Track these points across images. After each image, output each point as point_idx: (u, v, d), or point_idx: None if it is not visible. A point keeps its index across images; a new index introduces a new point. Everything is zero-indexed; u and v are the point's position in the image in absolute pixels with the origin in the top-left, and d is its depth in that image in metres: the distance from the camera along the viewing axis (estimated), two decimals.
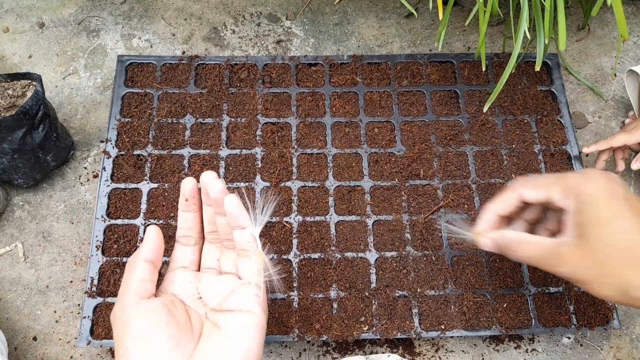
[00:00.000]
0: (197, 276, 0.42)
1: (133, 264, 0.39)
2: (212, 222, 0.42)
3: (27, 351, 0.55)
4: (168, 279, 0.42)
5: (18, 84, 0.56)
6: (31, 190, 0.62)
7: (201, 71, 0.65)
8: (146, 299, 0.37)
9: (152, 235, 0.40)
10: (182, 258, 0.42)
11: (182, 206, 0.42)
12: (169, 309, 0.37)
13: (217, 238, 0.43)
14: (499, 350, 0.56)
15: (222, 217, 0.41)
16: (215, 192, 0.39)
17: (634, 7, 0.76)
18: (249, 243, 0.40)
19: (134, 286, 0.37)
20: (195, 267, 0.43)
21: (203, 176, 0.40)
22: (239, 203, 0.38)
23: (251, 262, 0.40)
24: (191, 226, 0.43)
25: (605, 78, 0.71)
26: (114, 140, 0.60)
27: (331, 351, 0.56)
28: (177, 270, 0.42)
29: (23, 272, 0.58)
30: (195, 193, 0.42)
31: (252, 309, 0.38)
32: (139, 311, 0.36)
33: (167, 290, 0.41)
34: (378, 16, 0.74)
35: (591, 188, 0.40)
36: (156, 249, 0.39)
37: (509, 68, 0.56)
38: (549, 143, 0.62)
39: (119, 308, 0.37)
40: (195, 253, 0.43)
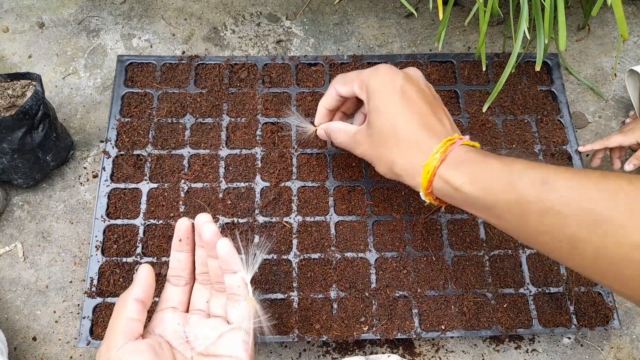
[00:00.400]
0: (185, 318, 0.42)
1: (123, 303, 0.39)
2: (203, 264, 0.43)
3: (26, 351, 0.55)
4: (157, 318, 0.42)
5: (18, 83, 0.56)
6: (31, 190, 0.62)
7: (201, 71, 0.65)
8: (133, 339, 0.37)
9: (144, 275, 0.40)
10: (172, 298, 0.43)
11: (175, 246, 0.43)
12: (155, 351, 0.37)
13: (208, 280, 0.43)
14: (499, 351, 0.56)
15: (214, 260, 0.41)
16: (208, 235, 0.39)
17: (634, 7, 0.76)
18: (239, 288, 0.40)
19: (122, 325, 0.38)
20: (184, 308, 0.43)
21: (198, 218, 0.41)
22: (231, 247, 0.39)
23: (241, 307, 0.40)
24: (183, 267, 0.43)
25: (605, 78, 0.71)
26: (114, 140, 0.60)
27: (331, 351, 0.56)
28: (166, 310, 0.42)
29: (23, 272, 0.58)
30: (190, 234, 0.42)
31: (239, 355, 0.39)
32: (125, 352, 0.36)
33: (154, 331, 0.41)
34: (378, 16, 0.74)
35: (375, 82, 0.45)
36: (147, 289, 0.40)
37: (509, 68, 0.56)
38: (549, 143, 0.62)
39: (104, 348, 0.37)
40: (185, 293, 0.43)
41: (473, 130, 0.62)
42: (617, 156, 0.61)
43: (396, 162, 0.43)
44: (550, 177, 0.34)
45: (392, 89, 0.44)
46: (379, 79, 0.45)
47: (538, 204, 0.34)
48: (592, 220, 0.32)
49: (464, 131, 0.62)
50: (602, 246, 0.31)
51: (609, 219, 0.31)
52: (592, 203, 0.32)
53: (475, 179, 0.38)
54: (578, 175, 0.34)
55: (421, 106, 0.43)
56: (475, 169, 0.38)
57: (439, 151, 0.40)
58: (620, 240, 0.31)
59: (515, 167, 0.36)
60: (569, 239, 0.33)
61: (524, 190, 0.35)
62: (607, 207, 0.31)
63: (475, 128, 0.63)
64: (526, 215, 0.35)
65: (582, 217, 0.32)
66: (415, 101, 0.43)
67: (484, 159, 0.38)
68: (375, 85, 0.45)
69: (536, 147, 0.62)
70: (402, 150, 0.42)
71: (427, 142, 0.41)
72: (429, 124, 0.42)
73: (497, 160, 0.37)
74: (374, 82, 0.45)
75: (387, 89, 0.44)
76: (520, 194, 0.35)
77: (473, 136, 0.62)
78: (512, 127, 0.63)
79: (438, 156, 0.40)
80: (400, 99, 0.43)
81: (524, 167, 0.36)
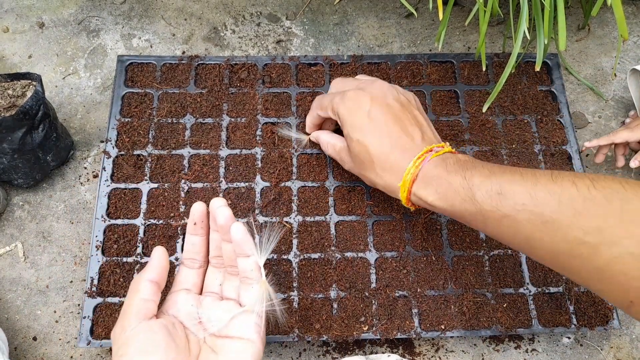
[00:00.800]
0: (198, 299, 0.43)
1: (137, 284, 0.40)
2: (217, 248, 0.43)
3: (27, 351, 0.55)
4: (170, 300, 0.42)
5: (18, 84, 0.56)
6: (31, 190, 0.62)
7: (201, 71, 0.65)
8: (147, 319, 0.38)
9: (158, 256, 0.41)
10: (185, 280, 0.43)
11: (190, 229, 0.43)
12: (168, 331, 0.38)
13: (222, 263, 0.44)
14: (499, 350, 0.56)
15: (227, 244, 0.42)
16: (223, 219, 0.40)
17: (634, 7, 0.76)
18: (252, 271, 0.40)
19: (136, 306, 0.38)
20: (198, 290, 0.44)
21: (212, 202, 0.42)
22: (245, 231, 0.39)
23: (253, 291, 0.41)
24: (197, 250, 0.44)
25: (605, 78, 0.71)
26: (114, 140, 0.60)
27: (331, 351, 0.56)
28: (180, 292, 0.43)
29: (23, 272, 0.58)
30: (204, 217, 0.43)
31: (251, 337, 0.39)
32: (139, 332, 0.37)
33: (168, 312, 0.41)
34: (378, 16, 0.74)
35: (343, 109, 0.49)
36: (161, 270, 0.40)
37: (509, 68, 0.56)
38: (549, 143, 0.62)
39: (119, 328, 0.38)
40: (199, 276, 0.44)
41: (473, 130, 0.62)
42: (622, 153, 0.62)
43: (377, 182, 0.48)
44: (504, 187, 0.38)
45: (359, 115, 0.48)
46: (347, 106, 0.49)
47: (495, 212, 0.39)
48: (542, 222, 0.36)
49: (464, 131, 0.62)
50: (553, 244, 0.36)
51: (557, 220, 0.35)
52: (542, 207, 0.36)
53: (443, 196, 0.43)
54: (530, 180, 0.38)
55: (389, 127, 0.47)
56: (441, 187, 0.43)
57: (409, 172, 0.45)
58: (567, 237, 0.35)
59: (474, 180, 0.40)
60: (526, 239, 0.38)
61: (482, 201, 0.39)
62: (554, 210, 0.36)
63: (475, 128, 0.63)
64: (487, 222, 0.40)
65: (534, 220, 0.37)
66: (383, 123, 0.47)
67: (448, 175, 0.42)
68: (344, 112, 0.49)
69: (536, 147, 0.62)
70: (379, 173, 0.47)
71: (400, 163, 0.46)
72: (399, 143, 0.46)
73: (458, 176, 0.42)
74: (342, 109, 0.49)
75: (354, 116, 0.48)
76: (479, 206, 0.40)
77: (473, 136, 0.62)
78: (512, 127, 0.63)
79: (409, 177, 0.45)
80: (368, 124, 0.47)
81: (482, 179, 0.40)
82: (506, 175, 0.39)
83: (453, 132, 0.62)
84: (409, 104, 0.50)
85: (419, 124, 0.48)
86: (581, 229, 0.34)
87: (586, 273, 0.35)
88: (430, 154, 0.45)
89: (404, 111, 0.48)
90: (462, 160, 0.44)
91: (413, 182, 0.45)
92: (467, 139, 0.62)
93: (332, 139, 0.54)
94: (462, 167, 0.42)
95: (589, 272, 0.35)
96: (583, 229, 0.34)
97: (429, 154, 0.45)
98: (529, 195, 0.37)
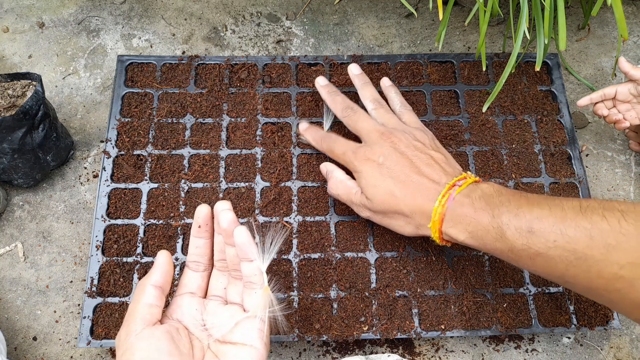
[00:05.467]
0: (203, 304, 0.42)
1: (142, 289, 0.40)
2: (221, 251, 0.43)
3: (27, 351, 0.55)
4: (175, 303, 0.42)
5: (18, 83, 0.56)
6: (31, 190, 0.62)
7: (201, 71, 0.65)
8: (152, 325, 0.38)
9: (162, 261, 0.41)
10: (190, 283, 0.43)
11: (194, 232, 0.43)
12: (172, 337, 0.38)
13: (226, 267, 0.44)
14: (499, 350, 0.56)
15: (231, 248, 0.41)
16: (226, 223, 0.40)
17: (634, 7, 0.76)
18: (255, 276, 0.40)
19: (141, 311, 0.38)
20: (202, 294, 0.44)
21: (217, 205, 0.41)
22: (248, 235, 0.39)
23: (257, 296, 0.40)
24: (202, 252, 0.43)
25: (605, 78, 0.71)
26: (114, 140, 0.60)
27: (331, 351, 0.56)
28: (184, 295, 0.42)
29: (23, 272, 0.58)
30: (209, 220, 0.43)
31: (255, 343, 0.39)
32: (143, 338, 0.37)
33: (172, 316, 0.41)
34: (378, 16, 0.74)
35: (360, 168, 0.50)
36: (166, 275, 0.40)
37: (509, 68, 0.56)
38: (549, 143, 0.62)
39: (124, 333, 0.38)
40: (203, 279, 0.44)
41: (473, 130, 0.62)
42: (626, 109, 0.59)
43: (405, 229, 0.49)
44: (534, 225, 0.39)
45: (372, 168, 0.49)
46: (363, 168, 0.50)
47: (527, 250, 0.39)
48: (575, 259, 0.36)
49: (464, 131, 0.62)
50: (589, 280, 0.36)
51: (590, 256, 0.35)
52: (573, 244, 0.36)
53: (473, 234, 0.43)
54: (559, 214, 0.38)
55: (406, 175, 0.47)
56: (470, 225, 0.43)
57: (436, 212, 0.45)
58: (602, 273, 0.35)
59: (503, 219, 0.40)
60: (561, 275, 0.39)
61: (513, 240, 0.40)
62: (586, 246, 0.36)
63: (475, 128, 0.63)
64: (520, 260, 0.40)
65: (567, 257, 0.37)
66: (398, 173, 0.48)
67: (475, 213, 0.42)
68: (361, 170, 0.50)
69: (536, 147, 0.62)
70: (406, 220, 0.48)
71: (425, 205, 0.46)
72: (419, 189, 0.46)
73: (486, 214, 0.42)
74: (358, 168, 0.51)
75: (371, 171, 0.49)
76: (510, 244, 0.40)
77: (473, 136, 0.62)
78: (512, 127, 0.63)
79: (437, 218, 0.45)
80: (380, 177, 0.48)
81: (510, 217, 0.40)
82: (535, 211, 0.39)
83: (453, 132, 0.62)
84: (423, 147, 0.50)
85: (436, 162, 0.48)
86: (616, 264, 0.34)
87: (627, 306, 0.36)
88: (454, 189, 0.45)
89: (418, 154, 0.49)
90: (488, 194, 0.43)
91: (442, 222, 0.45)
92: (467, 139, 0.62)
93: (345, 178, 0.54)
94: (488, 203, 0.42)
95: (629, 306, 0.35)
96: (618, 263, 0.34)
97: (452, 190, 0.45)
98: (559, 232, 0.37)
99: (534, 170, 0.61)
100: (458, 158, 0.61)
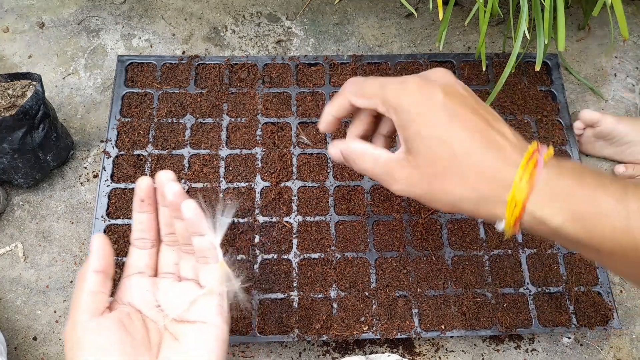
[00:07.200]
0: (155, 282, 0.39)
1: (83, 276, 0.36)
2: (168, 224, 0.40)
3: (27, 351, 0.55)
4: (124, 285, 0.39)
5: (18, 83, 0.56)
6: (31, 190, 0.62)
7: (201, 71, 0.65)
8: (99, 314, 0.35)
9: (99, 244, 0.37)
10: (137, 263, 0.40)
11: (136, 207, 0.39)
12: (123, 325, 0.35)
13: (175, 240, 0.40)
14: (499, 350, 0.56)
15: (180, 221, 0.38)
16: (172, 195, 0.37)
17: (634, 7, 0.76)
18: (209, 250, 0.37)
19: (85, 300, 0.35)
20: (152, 272, 0.40)
21: (159, 176, 0.38)
22: (197, 209, 0.36)
23: (212, 271, 0.37)
24: (146, 227, 0.40)
25: (605, 78, 0.71)
26: (114, 140, 0.60)
27: (331, 351, 0.56)
28: (133, 276, 0.39)
29: (23, 272, 0.58)
30: (151, 193, 0.39)
31: (213, 320, 0.37)
32: (91, 329, 0.34)
33: (123, 300, 0.38)
34: (378, 16, 0.74)
35: (407, 102, 0.35)
36: (105, 257, 0.37)
37: (509, 68, 0.56)
38: (549, 143, 0.62)
39: (70, 325, 0.35)
40: (151, 257, 0.40)
41: None
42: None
43: (464, 196, 0.34)
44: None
45: (432, 108, 0.35)
46: (412, 99, 0.35)
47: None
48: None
49: None
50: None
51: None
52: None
53: (580, 218, 0.30)
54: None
55: (475, 121, 0.34)
56: (579, 206, 0.30)
57: (522, 178, 0.31)
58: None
59: (631, 205, 0.29)
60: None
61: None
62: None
63: None
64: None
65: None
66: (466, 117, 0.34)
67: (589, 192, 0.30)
68: (409, 106, 0.35)
69: None
70: (470, 181, 0.33)
71: (499, 166, 0.32)
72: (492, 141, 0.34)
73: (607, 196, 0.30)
74: (406, 102, 0.35)
75: (426, 108, 0.35)
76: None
77: None
78: (512, 127, 0.63)
79: (524, 185, 0.31)
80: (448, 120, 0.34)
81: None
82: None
83: None
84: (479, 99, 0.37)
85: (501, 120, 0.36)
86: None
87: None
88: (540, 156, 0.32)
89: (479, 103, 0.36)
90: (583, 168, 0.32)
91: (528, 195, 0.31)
92: None
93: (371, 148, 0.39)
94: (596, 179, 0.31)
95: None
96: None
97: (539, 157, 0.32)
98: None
99: None
100: None
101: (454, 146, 0.33)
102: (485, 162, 0.33)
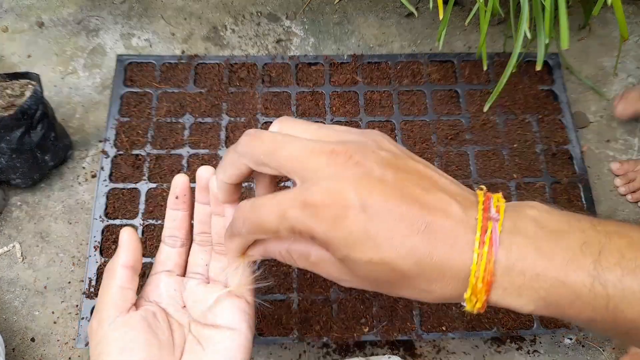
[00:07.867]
0: (182, 282, 0.39)
1: (112, 271, 0.36)
2: (203, 222, 0.39)
3: (25, 352, 0.54)
4: (151, 283, 0.39)
5: (17, 83, 0.56)
6: (29, 190, 0.61)
7: (201, 71, 0.64)
8: (125, 311, 0.35)
9: (128, 238, 0.37)
10: (167, 261, 0.39)
11: (171, 204, 0.39)
12: (149, 324, 0.35)
13: (208, 241, 0.39)
14: (500, 352, 0.56)
15: (219, 218, 0.38)
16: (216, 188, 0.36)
17: (634, 6, 0.75)
18: None
19: (113, 296, 0.35)
20: (181, 271, 0.40)
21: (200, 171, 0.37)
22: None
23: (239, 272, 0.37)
24: (179, 226, 0.39)
25: (606, 77, 0.70)
26: (113, 140, 0.60)
27: (331, 352, 0.55)
28: (160, 274, 0.39)
29: (21, 272, 0.58)
30: (187, 191, 0.39)
31: (239, 326, 0.36)
32: (117, 328, 0.34)
33: (149, 297, 0.38)
34: (378, 16, 0.74)
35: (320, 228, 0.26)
36: (134, 252, 0.36)
37: (510, 67, 0.56)
38: (551, 143, 0.62)
39: (96, 322, 0.35)
40: (181, 256, 0.40)
41: (474, 130, 0.62)
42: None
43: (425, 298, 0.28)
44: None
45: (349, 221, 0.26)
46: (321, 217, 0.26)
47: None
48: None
49: (465, 131, 0.62)
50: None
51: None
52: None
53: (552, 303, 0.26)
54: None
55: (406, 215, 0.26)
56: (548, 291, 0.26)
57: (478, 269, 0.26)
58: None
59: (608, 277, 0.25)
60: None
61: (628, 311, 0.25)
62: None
63: (476, 128, 0.62)
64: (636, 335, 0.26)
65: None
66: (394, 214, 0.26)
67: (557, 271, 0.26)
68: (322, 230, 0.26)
69: (537, 147, 0.62)
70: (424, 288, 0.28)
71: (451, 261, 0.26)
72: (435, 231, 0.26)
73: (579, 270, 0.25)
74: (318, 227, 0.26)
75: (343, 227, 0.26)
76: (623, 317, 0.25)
77: (474, 136, 0.62)
78: (513, 126, 0.63)
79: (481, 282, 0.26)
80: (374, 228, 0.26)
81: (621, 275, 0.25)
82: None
83: (454, 131, 0.62)
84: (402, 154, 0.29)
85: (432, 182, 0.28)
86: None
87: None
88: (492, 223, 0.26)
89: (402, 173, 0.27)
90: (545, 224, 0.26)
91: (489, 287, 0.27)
92: (468, 138, 0.62)
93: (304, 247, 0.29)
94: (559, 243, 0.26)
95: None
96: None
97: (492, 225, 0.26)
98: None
99: (536, 170, 0.60)
100: (459, 158, 0.61)
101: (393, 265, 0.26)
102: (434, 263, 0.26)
